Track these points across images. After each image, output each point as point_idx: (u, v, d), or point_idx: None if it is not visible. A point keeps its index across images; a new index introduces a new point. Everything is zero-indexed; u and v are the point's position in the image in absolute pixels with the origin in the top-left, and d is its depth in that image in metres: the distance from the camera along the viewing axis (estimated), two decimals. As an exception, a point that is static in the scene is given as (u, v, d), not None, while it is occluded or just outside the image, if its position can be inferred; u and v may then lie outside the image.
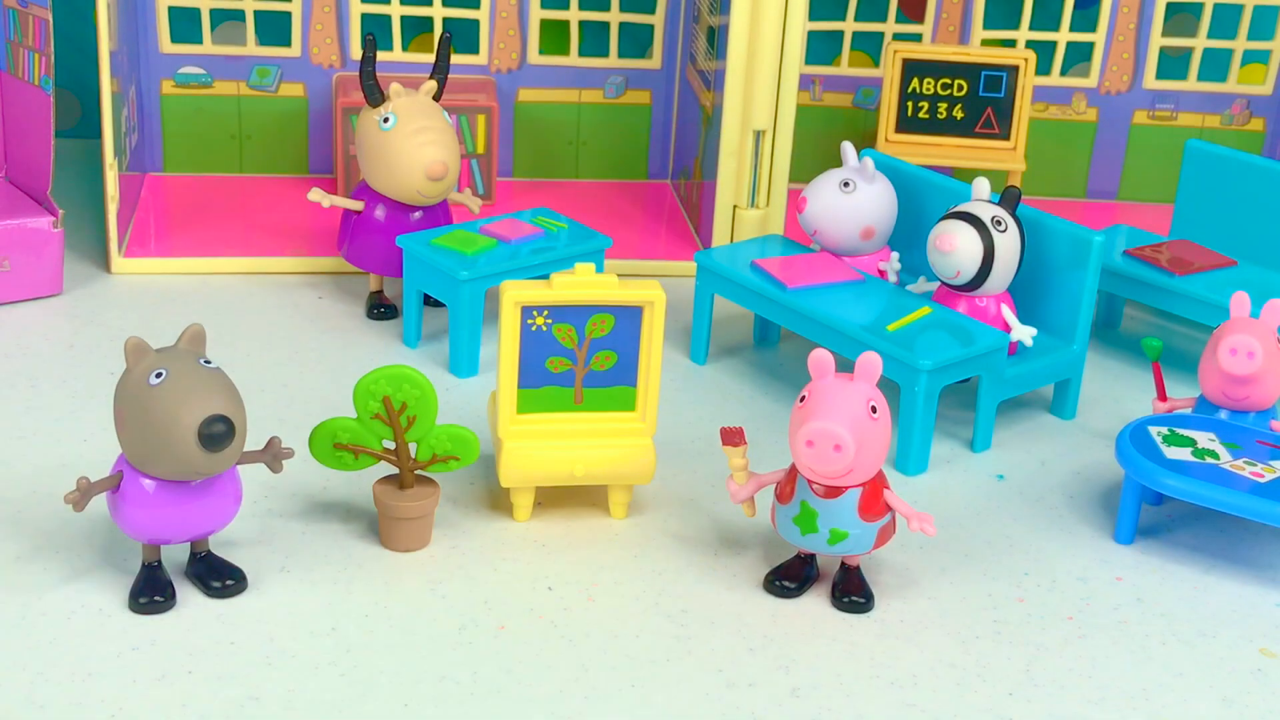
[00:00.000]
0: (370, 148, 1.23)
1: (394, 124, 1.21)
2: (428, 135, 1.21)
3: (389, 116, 1.21)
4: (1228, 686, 0.91)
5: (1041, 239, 1.17)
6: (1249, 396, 1.07)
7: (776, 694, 0.87)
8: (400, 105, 1.22)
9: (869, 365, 0.91)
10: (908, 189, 1.24)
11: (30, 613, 0.90)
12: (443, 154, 1.21)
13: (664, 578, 0.97)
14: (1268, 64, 1.57)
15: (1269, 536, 1.05)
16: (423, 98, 1.23)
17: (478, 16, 1.50)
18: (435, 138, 1.21)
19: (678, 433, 1.12)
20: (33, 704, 0.83)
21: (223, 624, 0.90)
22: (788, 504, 0.94)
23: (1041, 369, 1.15)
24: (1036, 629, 0.94)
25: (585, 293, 0.97)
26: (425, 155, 1.21)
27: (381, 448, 0.96)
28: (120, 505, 0.89)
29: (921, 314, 1.13)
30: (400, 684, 0.86)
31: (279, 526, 0.99)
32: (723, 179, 1.36)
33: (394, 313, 1.27)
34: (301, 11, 1.47)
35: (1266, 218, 1.31)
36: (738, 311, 1.31)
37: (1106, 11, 1.54)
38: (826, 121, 1.57)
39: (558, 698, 0.86)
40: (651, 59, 1.54)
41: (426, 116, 1.22)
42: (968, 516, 1.05)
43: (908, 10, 1.56)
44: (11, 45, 1.31)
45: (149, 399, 0.86)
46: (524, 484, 1.00)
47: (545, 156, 1.55)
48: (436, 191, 1.23)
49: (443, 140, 1.22)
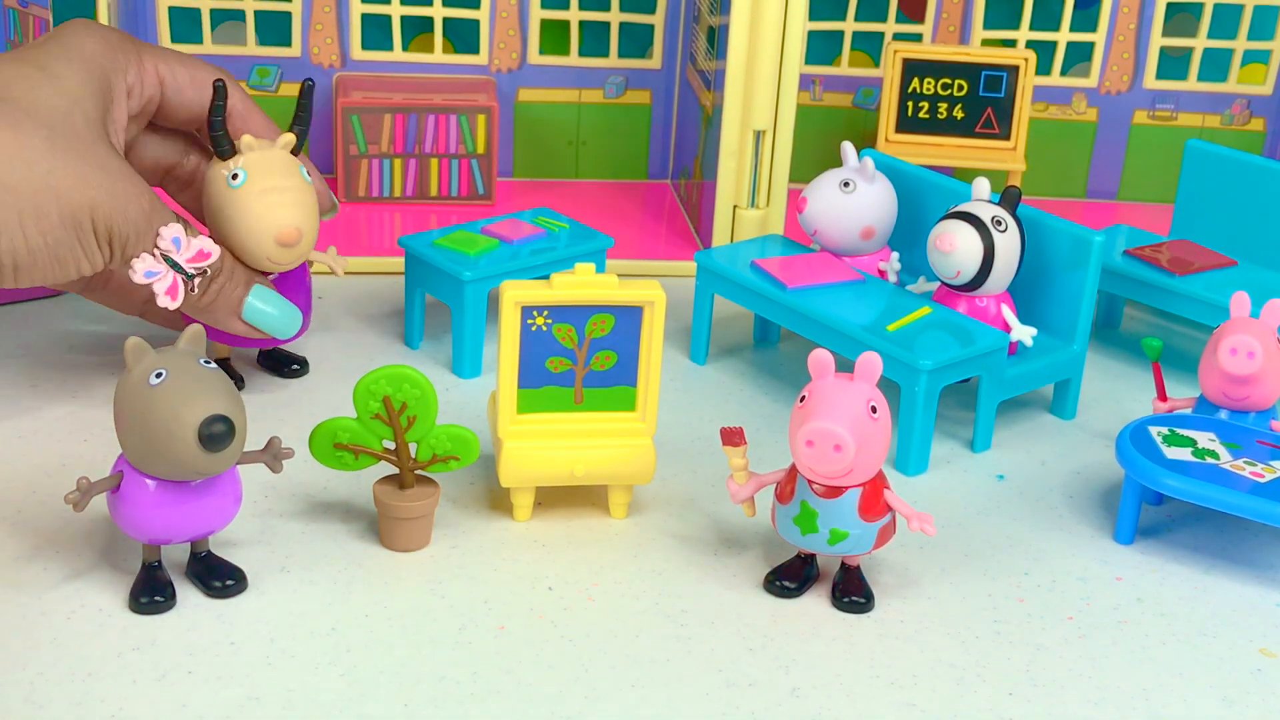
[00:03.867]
0: (217, 206, 1.08)
1: (243, 181, 1.07)
2: (281, 195, 1.08)
3: (238, 173, 1.08)
4: (1228, 686, 0.91)
5: (1041, 239, 1.17)
6: (1249, 396, 1.07)
7: (776, 694, 0.87)
8: (251, 160, 1.08)
9: (869, 365, 0.91)
10: (908, 189, 1.24)
11: (30, 613, 0.90)
12: (296, 217, 1.08)
13: (664, 578, 0.97)
14: (1268, 64, 1.57)
15: (1269, 536, 1.05)
16: (278, 152, 1.09)
17: (478, 16, 1.50)
18: (290, 199, 1.08)
19: (678, 433, 1.12)
20: (33, 704, 0.83)
21: (223, 624, 0.90)
22: (788, 504, 0.94)
23: (1041, 369, 1.15)
24: (1036, 629, 0.94)
25: (585, 293, 0.97)
26: (276, 219, 1.07)
27: (382, 448, 0.96)
28: (120, 505, 0.89)
29: (921, 314, 1.13)
30: (400, 684, 0.86)
31: (279, 526, 0.99)
32: (723, 179, 1.36)
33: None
34: (301, 11, 1.47)
35: (1266, 218, 1.31)
36: (738, 311, 1.31)
37: (1106, 11, 1.54)
38: (826, 121, 1.58)
39: (558, 698, 0.86)
40: (651, 59, 1.54)
41: (281, 175, 1.08)
42: (968, 516, 1.05)
43: (908, 10, 1.56)
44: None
45: (149, 399, 0.86)
46: (524, 484, 1.00)
47: (545, 156, 1.55)
48: (288, 259, 1.09)
49: (298, 201, 1.08)
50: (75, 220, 0.98)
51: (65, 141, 0.99)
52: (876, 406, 0.90)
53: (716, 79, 1.37)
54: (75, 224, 0.98)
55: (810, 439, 0.89)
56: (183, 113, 1.12)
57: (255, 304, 1.08)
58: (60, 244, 0.98)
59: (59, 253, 0.99)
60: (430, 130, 1.44)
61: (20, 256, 0.98)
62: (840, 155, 1.23)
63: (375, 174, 1.45)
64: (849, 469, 0.90)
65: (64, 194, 0.98)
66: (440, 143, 1.44)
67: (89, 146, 1.00)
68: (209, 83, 1.11)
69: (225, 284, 1.07)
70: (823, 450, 0.89)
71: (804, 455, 0.90)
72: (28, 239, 0.97)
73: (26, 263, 0.98)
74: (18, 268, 0.98)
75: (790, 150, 1.35)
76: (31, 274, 0.99)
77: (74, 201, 0.98)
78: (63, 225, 0.98)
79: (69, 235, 0.98)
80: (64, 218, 0.98)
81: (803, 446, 0.90)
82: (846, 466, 0.90)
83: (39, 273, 0.99)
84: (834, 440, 0.89)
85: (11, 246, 0.97)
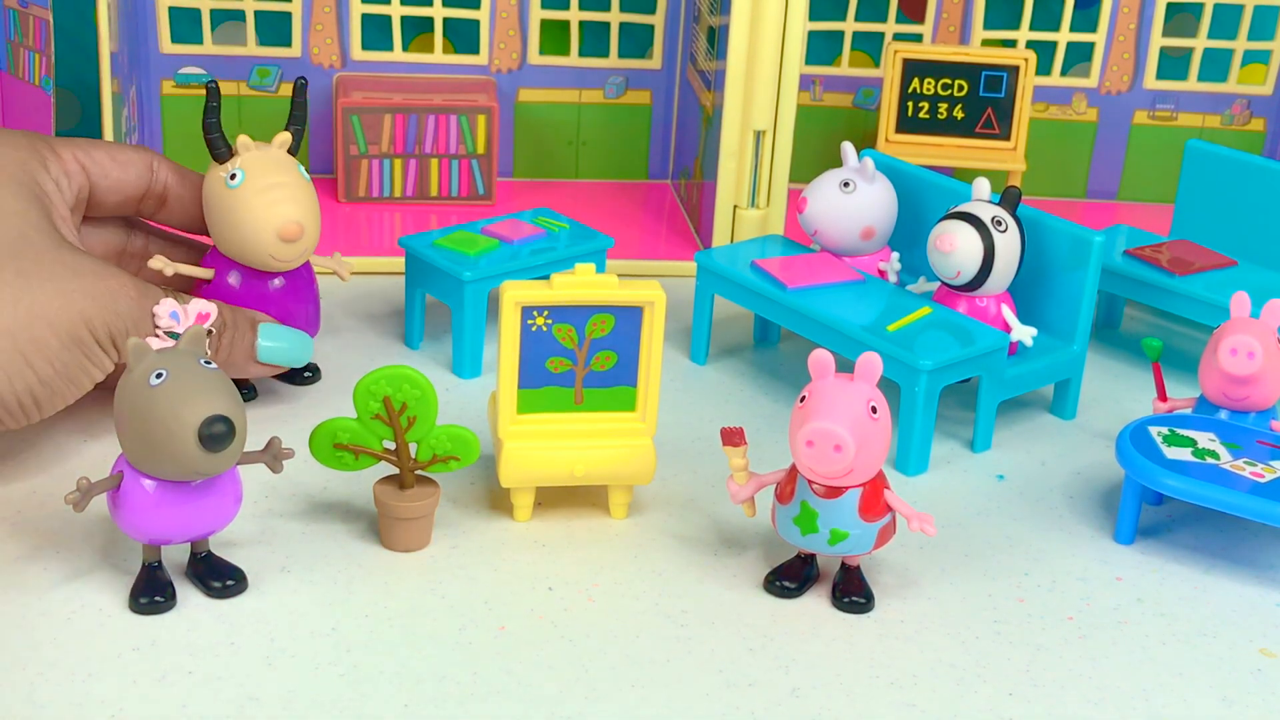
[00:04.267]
0: (217, 209, 1.09)
1: (241, 180, 1.08)
2: (280, 192, 1.09)
3: (236, 173, 1.08)
4: (1228, 686, 0.91)
5: (1041, 239, 1.17)
6: (1249, 397, 1.07)
7: (776, 694, 0.87)
8: (249, 160, 1.09)
9: (869, 365, 0.91)
10: (908, 189, 1.24)
11: (30, 613, 0.90)
12: (297, 212, 1.09)
13: (664, 578, 0.97)
14: (1268, 64, 1.57)
15: (1269, 536, 1.05)
16: (275, 151, 1.10)
17: (478, 16, 1.50)
18: (289, 194, 1.09)
19: (678, 433, 1.12)
20: (33, 704, 0.83)
21: (223, 624, 0.90)
22: (788, 504, 0.94)
23: (1041, 369, 1.15)
24: (1036, 629, 0.94)
25: (585, 293, 0.97)
26: (277, 214, 1.08)
27: (382, 448, 0.96)
28: (120, 505, 0.89)
29: (921, 314, 1.13)
30: (400, 684, 0.86)
31: (279, 527, 0.99)
32: (723, 179, 1.36)
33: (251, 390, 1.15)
34: (301, 11, 1.47)
35: (1266, 218, 1.31)
36: (738, 311, 1.31)
37: (1107, 11, 1.54)
38: (826, 121, 1.58)
39: (558, 698, 0.86)
40: (651, 59, 1.54)
41: (279, 172, 1.09)
42: (968, 516, 1.05)
43: (908, 10, 1.56)
44: (12, 45, 1.31)
45: (149, 399, 0.86)
46: (524, 484, 1.00)
47: (545, 156, 1.55)
48: (291, 255, 1.10)
49: (297, 197, 1.09)
50: (74, 338, 0.98)
51: (32, 264, 0.99)
52: (877, 407, 0.90)
53: (716, 79, 1.37)
54: (76, 341, 0.98)
55: (810, 439, 0.89)
56: (114, 196, 1.11)
57: (266, 344, 1.08)
58: (69, 365, 0.98)
59: (70, 374, 0.98)
60: (430, 130, 1.44)
61: (37, 391, 0.97)
62: (840, 155, 1.23)
63: (375, 174, 1.45)
64: (849, 469, 0.90)
65: (54, 318, 0.97)
66: (440, 143, 1.44)
67: (55, 257, 1.00)
68: (133, 160, 1.11)
69: (233, 335, 1.07)
70: (823, 450, 0.89)
71: (804, 455, 0.90)
72: (38, 373, 0.97)
73: (44, 395, 0.98)
74: (38, 402, 0.98)
75: (790, 150, 1.35)
76: (53, 402, 0.99)
77: (66, 320, 0.98)
78: (64, 348, 0.98)
79: (74, 354, 0.98)
80: (63, 340, 0.97)
81: (803, 447, 0.90)
82: (847, 467, 0.90)
83: (59, 399, 0.99)
84: (834, 440, 0.89)
85: (26, 385, 0.97)
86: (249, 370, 1.09)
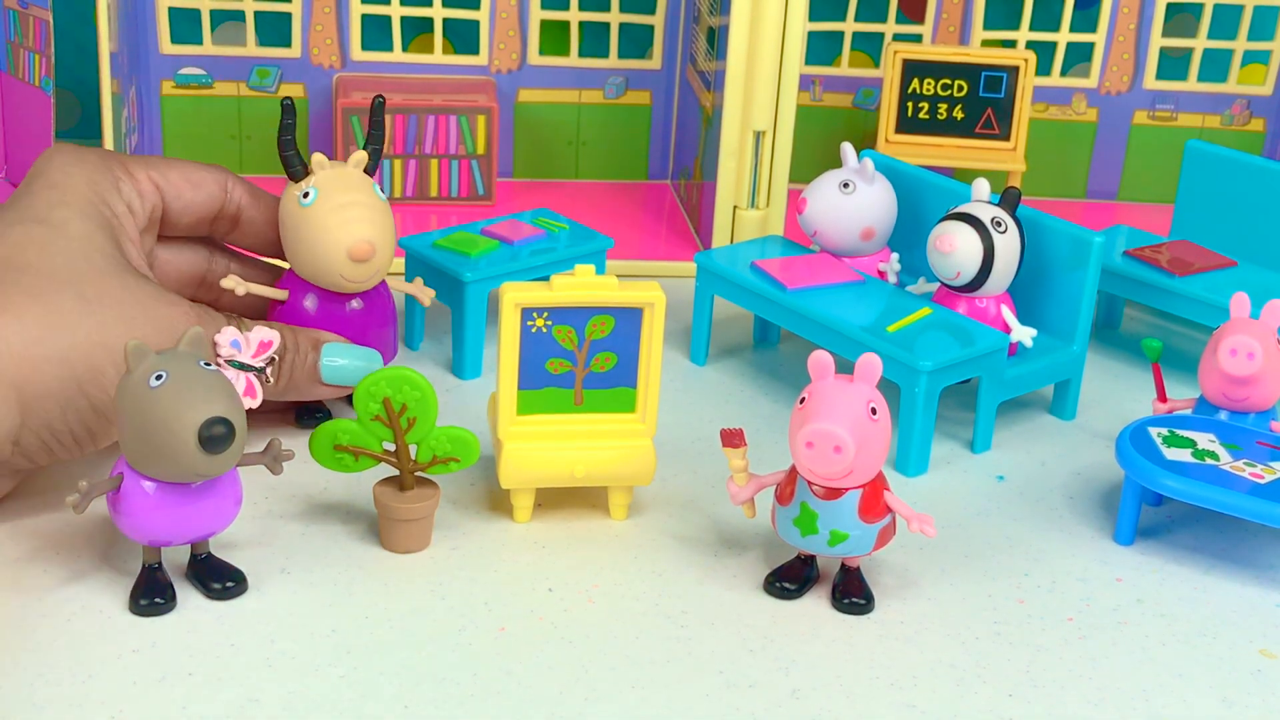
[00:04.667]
0: (290, 228, 1.07)
1: (314, 199, 1.06)
2: (353, 211, 1.05)
3: (309, 191, 1.06)
4: (1228, 687, 0.91)
5: (1041, 239, 1.17)
6: (1249, 397, 1.07)
7: (776, 695, 0.87)
8: (323, 179, 1.06)
9: (869, 366, 0.91)
10: (907, 189, 1.24)
11: (30, 614, 0.90)
12: (369, 231, 1.05)
13: (664, 578, 0.97)
14: (1268, 64, 1.58)
15: (1269, 537, 1.05)
16: (350, 170, 1.08)
17: (478, 16, 1.50)
18: (362, 214, 1.06)
19: (678, 434, 1.12)
20: (33, 704, 0.83)
21: (223, 625, 0.90)
22: (788, 505, 0.94)
23: (1041, 369, 1.15)
24: (1036, 629, 0.94)
25: (585, 294, 0.97)
26: (348, 234, 1.05)
27: (382, 449, 0.96)
28: (120, 507, 0.89)
29: (921, 315, 1.13)
30: (400, 685, 0.86)
31: (279, 528, 0.99)
32: (723, 179, 1.36)
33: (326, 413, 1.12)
34: (301, 12, 1.47)
35: (1266, 218, 1.31)
36: (738, 312, 1.31)
37: (1106, 12, 1.54)
38: (826, 122, 1.58)
39: (558, 699, 0.86)
40: (651, 59, 1.54)
41: (353, 190, 1.06)
42: (968, 517, 1.05)
43: (908, 10, 1.56)
44: (12, 46, 1.31)
45: (149, 401, 0.86)
46: (524, 485, 1.00)
47: (545, 156, 1.55)
48: (363, 275, 1.07)
49: (370, 217, 1.06)
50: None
51: (95, 291, 0.96)
52: (876, 408, 0.90)
53: (716, 79, 1.37)
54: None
55: (810, 440, 0.90)
56: (188, 216, 1.08)
57: (330, 363, 1.05)
58: None
59: None
60: (430, 131, 1.44)
61: (92, 422, 0.95)
62: (840, 156, 1.23)
63: (375, 174, 1.44)
64: (849, 470, 0.90)
65: (113, 345, 0.94)
66: (440, 143, 1.44)
67: (119, 283, 0.97)
68: (206, 180, 1.08)
69: (294, 359, 1.03)
70: (823, 452, 0.89)
71: (804, 456, 0.90)
72: (93, 402, 0.94)
73: (101, 426, 0.95)
74: (94, 434, 0.95)
75: (790, 151, 1.36)
76: (108, 433, 0.96)
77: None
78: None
79: None
80: (120, 369, 0.93)
81: (803, 448, 0.90)
82: (846, 468, 0.90)
83: (115, 430, 0.95)
84: (834, 442, 0.89)
85: (80, 417, 0.94)
86: (315, 391, 1.06)
